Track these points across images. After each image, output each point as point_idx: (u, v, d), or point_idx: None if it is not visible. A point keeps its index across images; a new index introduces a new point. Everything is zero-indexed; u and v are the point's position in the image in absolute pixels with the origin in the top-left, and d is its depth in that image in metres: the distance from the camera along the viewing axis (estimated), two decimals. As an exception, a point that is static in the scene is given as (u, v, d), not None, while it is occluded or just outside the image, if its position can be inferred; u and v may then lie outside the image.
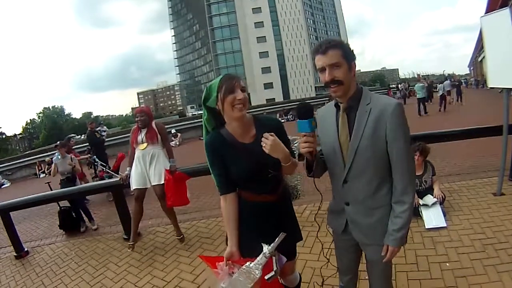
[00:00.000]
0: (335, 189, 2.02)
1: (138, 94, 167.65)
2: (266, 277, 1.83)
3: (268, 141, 1.82)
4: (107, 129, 17.46)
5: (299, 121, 1.75)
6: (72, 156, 6.95)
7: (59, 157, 6.60)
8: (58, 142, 7.13)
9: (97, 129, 10.52)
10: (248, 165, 1.95)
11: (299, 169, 2.13)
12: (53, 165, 6.71)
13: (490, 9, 17.99)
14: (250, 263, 1.88)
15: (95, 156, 9.50)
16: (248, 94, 2.04)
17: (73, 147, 9.61)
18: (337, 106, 1.89)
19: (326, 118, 1.94)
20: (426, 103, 18.55)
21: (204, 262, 2.15)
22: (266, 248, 1.88)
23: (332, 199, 2.09)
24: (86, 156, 9.78)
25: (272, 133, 1.85)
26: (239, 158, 1.97)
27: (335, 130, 1.88)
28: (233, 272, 1.91)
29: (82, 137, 54.19)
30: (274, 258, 1.89)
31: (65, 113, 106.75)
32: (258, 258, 1.88)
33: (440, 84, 20.16)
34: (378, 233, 1.89)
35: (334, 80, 1.73)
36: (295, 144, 2.21)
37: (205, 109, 2.01)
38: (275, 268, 1.86)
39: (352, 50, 1.78)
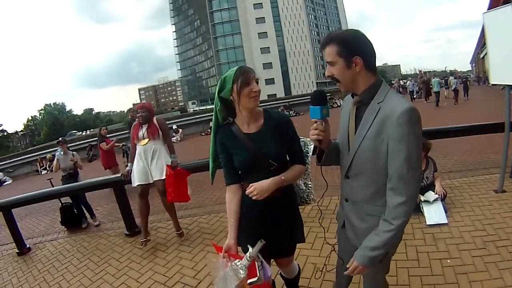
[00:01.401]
0: (340, 181, 1.95)
1: (139, 90, 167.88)
2: (248, 281, 1.90)
3: (254, 193, 1.90)
4: None
5: (311, 107, 1.70)
6: (74, 152, 6.96)
7: (62, 153, 6.60)
8: (60, 138, 7.10)
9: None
10: (247, 153, 2.00)
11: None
12: (55, 161, 6.70)
13: (492, 5, 17.94)
14: (238, 262, 1.94)
15: (129, 145, 9.57)
16: None
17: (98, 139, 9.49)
18: (353, 97, 1.79)
19: (345, 107, 1.87)
20: (427, 100, 21.26)
21: (215, 249, 2.22)
22: (249, 251, 1.94)
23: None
24: (119, 144, 9.77)
25: (251, 184, 1.94)
26: (242, 147, 2.02)
27: (347, 121, 1.81)
28: (227, 265, 1.97)
29: (84, 134, 54.47)
30: (256, 264, 1.95)
31: (66, 110, 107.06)
32: (243, 259, 1.94)
33: (454, 79, 22.18)
34: None
35: (332, 77, 1.66)
36: (309, 146, 2.23)
37: (218, 99, 2.04)
38: (258, 275, 1.92)
39: (357, 44, 1.61)
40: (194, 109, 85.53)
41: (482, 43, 34.06)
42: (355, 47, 1.60)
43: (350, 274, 1.74)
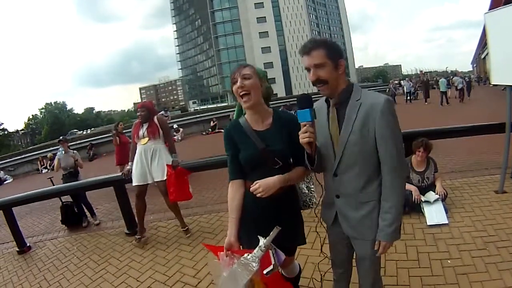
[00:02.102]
0: (326, 182, 2.05)
1: (140, 89, 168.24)
2: (264, 272, 1.87)
3: (259, 189, 1.94)
4: (169, 113, 19.91)
5: (299, 111, 1.76)
6: (75, 151, 6.96)
7: (63, 152, 6.60)
8: (61, 137, 7.11)
9: (160, 113, 10.66)
10: (255, 149, 2.03)
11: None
12: (56, 160, 6.70)
13: (493, 5, 17.91)
14: (248, 255, 1.91)
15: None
16: None
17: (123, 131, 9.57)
18: (327, 101, 1.94)
19: (319, 112, 1.94)
20: (426, 101, 21.60)
21: (208, 250, 2.20)
22: (262, 241, 1.92)
23: (325, 192, 2.10)
24: None
25: (256, 181, 1.97)
26: (248, 143, 2.05)
27: (326, 124, 1.93)
28: (233, 263, 1.95)
29: (84, 133, 54.44)
30: (271, 252, 1.93)
31: (67, 109, 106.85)
32: (254, 251, 1.91)
33: (460, 79, 22.87)
34: (366, 227, 1.92)
35: (319, 80, 1.78)
36: None
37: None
38: (273, 262, 1.90)
39: (339, 48, 1.82)
40: (195, 108, 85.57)
41: (483, 44, 33.99)
42: (338, 51, 1.81)
43: (382, 253, 1.92)
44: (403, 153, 1.87)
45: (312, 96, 1.79)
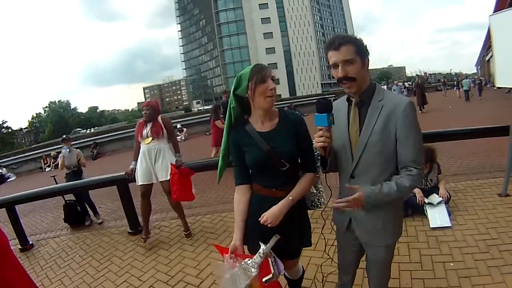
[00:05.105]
0: (342, 184, 2.00)
1: (144, 88, 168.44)
2: (263, 279, 1.88)
3: (268, 221, 1.93)
4: None
5: (317, 115, 1.72)
6: (78, 150, 6.97)
7: (67, 150, 6.61)
8: (64, 136, 7.12)
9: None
10: (260, 151, 1.99)
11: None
12: (60, 158, 6.68)
13: (498, 7, 17.86)
14: (248, 260, 1.93)
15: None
16: None
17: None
18: (349, 100, 1.89)
19: (338, 112, 1.90)
20: (422, 109, 18.79)
21: (217, 250, 2.20)
22: (262, 248, 1.92)
23: (339, 195, 2.03)
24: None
25: (263, 214, 1.96)
26: (255, 145, 2.01)
27: (346, 124, 1.89)
28: (235, 266, 1.96)
29: (88, 131, 54.67)
30: (270, 260, 1.93)
31: (71, 108, 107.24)
32: (254, 257, 1.92)
33: (467, 80, 26.31)
34: (381, 233, 1.89)
35: (347, 77, 1.72)
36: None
37: (233, 97, 2.05)
38: (272, 271, 1.90)
39: (365, 46, 1.76)
40: (199, 108, 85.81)
41: (487, 46, 33.92)
42: (365, 49, 1.75)
43: (346, 202, 1.77)
44: (423, 157, 1.83)
45: (320, 98, 1.78)
